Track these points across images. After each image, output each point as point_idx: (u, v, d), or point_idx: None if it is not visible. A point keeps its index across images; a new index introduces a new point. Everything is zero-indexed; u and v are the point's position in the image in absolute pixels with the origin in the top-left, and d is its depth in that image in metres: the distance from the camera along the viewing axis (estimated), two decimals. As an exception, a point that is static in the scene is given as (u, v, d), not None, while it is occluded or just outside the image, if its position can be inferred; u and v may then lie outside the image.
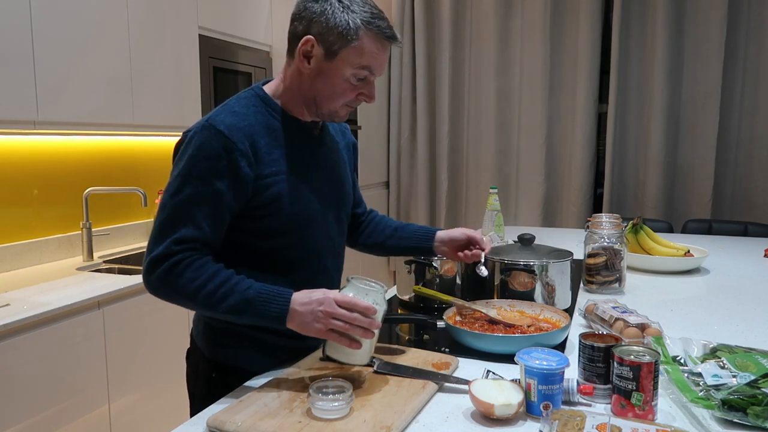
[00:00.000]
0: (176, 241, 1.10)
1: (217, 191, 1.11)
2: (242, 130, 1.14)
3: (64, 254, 2.51)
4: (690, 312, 1.66)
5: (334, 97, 1.19)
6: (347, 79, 1.17)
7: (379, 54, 1.16)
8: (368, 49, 1.15)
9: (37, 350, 1.80)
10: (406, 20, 4.37)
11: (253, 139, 1.15)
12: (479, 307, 1.45)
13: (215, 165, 1.11)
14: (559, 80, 4.05)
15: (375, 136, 4.30)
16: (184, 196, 1.11)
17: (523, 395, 1.00)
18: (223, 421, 0.98)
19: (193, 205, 1.11)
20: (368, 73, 1.17)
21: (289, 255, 1.24)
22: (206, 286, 1.09)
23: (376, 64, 1.17)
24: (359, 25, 1.13)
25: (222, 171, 1.11)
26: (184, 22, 2.68)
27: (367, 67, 1.16)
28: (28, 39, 2.01)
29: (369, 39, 1.14)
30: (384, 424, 0.96)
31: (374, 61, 1.16)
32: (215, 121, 1.14)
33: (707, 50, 3.65)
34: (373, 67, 1.17)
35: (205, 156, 1.12)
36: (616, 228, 1.85)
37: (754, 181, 3.69)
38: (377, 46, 1.16)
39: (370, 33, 1.14)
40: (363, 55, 1.15)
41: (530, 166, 4.16)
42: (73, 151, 2.56)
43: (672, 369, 1.11)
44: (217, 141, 1.12)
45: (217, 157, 1.11)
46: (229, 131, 1.13)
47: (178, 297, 1.12)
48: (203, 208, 1.12)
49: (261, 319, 1.09)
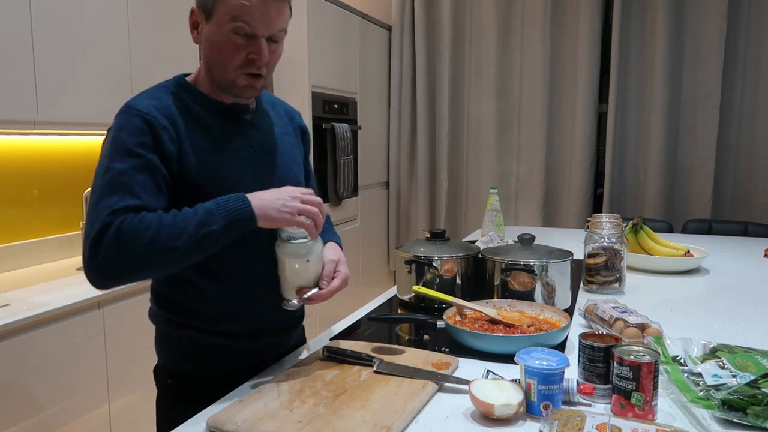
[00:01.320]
0: (111, 212, 1.01)
1: (148, 162, 1.07)
2: (161, 110, 1.12)
3: (64, 254, 2.51)
4: (690, 312, 1.66)
5: (223, 61, 1.14)
6: (228, 38, 1.11)
7: (250, 3, 1.09)
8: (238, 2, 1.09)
9: (37, 350, 1.80)
10: (406, 20, 4.37)
11: (173, 119, 1.12)
12: (479, 307, 1.45)
13: (141, 140, 1.07)
14: (559, 80, 4.05)
15: (375, 136, 4.30)
16: (113, 172, 1.05)
17: (523, 395, 1.00)
18: (223, 421, 0.98)
19: (125, 176, 1.05)
20: (245, 25, 1.10)
21: None
22: (161, 228, 1.01)
23: (250, 14, 1.09)
24: None
25: (148, 144, 1.08)
26: (184, 22, 2.68)
27: (240, 17, 1.09)
28: (28, 39, 2.01)
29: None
30: (384, 424, 0.96)
31: (245, 11, 1.09)
32: (132, 103, 1.12)
33: (707, 50, 3.65)
34: (245, 16, 1.09)
35: (129, 133, 1.08)
36: (616, 228, 1.85)
37: (754, 181, 3.69)
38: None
39: None
40: (232, 5, 1.09)
41: (530, 166, 4.17)
42: (73, 151, 2.56)
43: (672, 369, 1.11)
44: (138, 119, 1.09)
45: (141, 131, 1.08)
46: (148, 110, 1.10)
47: (135, 260, 1.01)
48: (138, 179, 1.05)
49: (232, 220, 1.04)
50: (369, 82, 4.15)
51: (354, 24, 3.88)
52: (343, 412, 1.00)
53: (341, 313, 1.68)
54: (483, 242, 2.27)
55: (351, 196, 3.81)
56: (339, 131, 3.52)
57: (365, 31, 4.05)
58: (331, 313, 1.70)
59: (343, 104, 3.71)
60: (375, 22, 4.18)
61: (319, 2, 3.40)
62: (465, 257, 1.68)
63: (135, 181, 1.05)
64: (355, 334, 1.47)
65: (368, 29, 4.09)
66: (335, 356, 1.24)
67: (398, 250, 1.73)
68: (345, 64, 3.77)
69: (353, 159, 3.76)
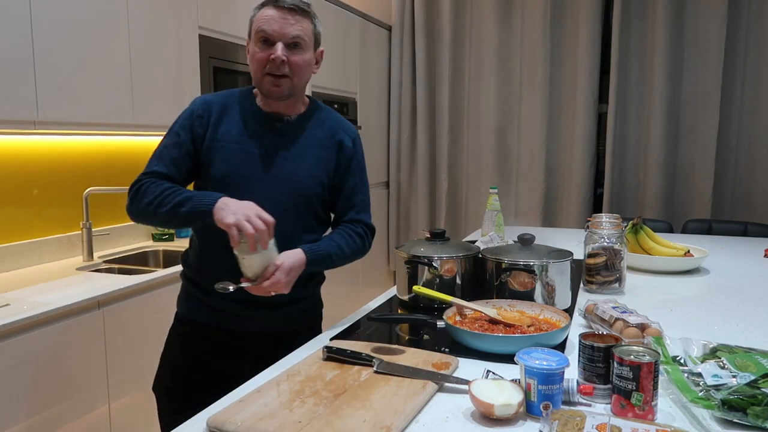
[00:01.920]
0: (145, 174, 1.42)
1: (180, 139, 1.45)
2: (207, 104, 1.48)
3: (64, 254, 2.51)
4: (690, 312, 1.66)
5: (255, 68, 1.43)
6: (256, 47, 1.42)
7: (269, 16, 1.40)
8: (261, 15, 1.41)
9: (37, 350, 1.80)
10: (406, 20, 4.38)
11: (210, 111, 1.47)
12: (479, 307, 1.45)
13: (183, 123, 1.47)
14: (559, 80, 4.05)
15: (375, 136, 4.30)
16: (161, 144, 1.47)
17: (523, 395, 1.00)
18: (223, 421, 0.98)
19: (165, 148, 1.45)
20: (265, 33, 1.39)
21: None
22: (156, 197, 1.36)
23: (269, 24, 1.39)
24: (257, 7, 1.44)
25: (186, 126, 1.46)
26: (184, 22, 2.68)
27: (261, 29, 1.40)
28: (28, 39, 2.01)
29: (263, 10, 1.42)
30: (384, 424, 0.96)
31: (266, 22, 1.39)
32: (197, 97, 1.52)
33: (707, 50, 3.65)
34: (265, 27, 1.39)
35: (180, 117, 1.49)
36: (616, 228, 1.85)
37: (754, 181, 3.69)
38: (268, 10, 1.40)
39: (264, 7, 1.42)
40: (258, 22, 1.41)
41: (530, 166, 4.17)
42: (73, 151, 2.56)
43: (672, 369, 1.11)
44: (190, 107, 1.49)
45: (186, 117, 1.47)
46: (198, 102, 1.49)
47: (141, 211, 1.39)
48: (172, 152, 1.44)
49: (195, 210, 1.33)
50: (369, 82, 4.15)
51: (354, 24, 3.88)
52: (343, 412, 1.00)
53: (341, 313, 1.68)
54: (483, 242, 2.27)
55: (351, 196, 3.81)
56: (339, 131, 3.52)
57: (365, 31, 4.05)
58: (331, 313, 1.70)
59: (343, 104, 3.71)
60: (375, 22, 4.19)
61: (319, 2, 3.40)
62: (465, 257, 1.68)
63: (169, 153, 1.44)
64: (355, 334, 1.47)
65: (368, 29, 4.09)
66: (335, 356, 1.24)
67: (398, 250, 1.72)
68: (345, 64, 3.77)
69: (353, 159, 3.76)
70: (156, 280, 2.21)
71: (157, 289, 2.23)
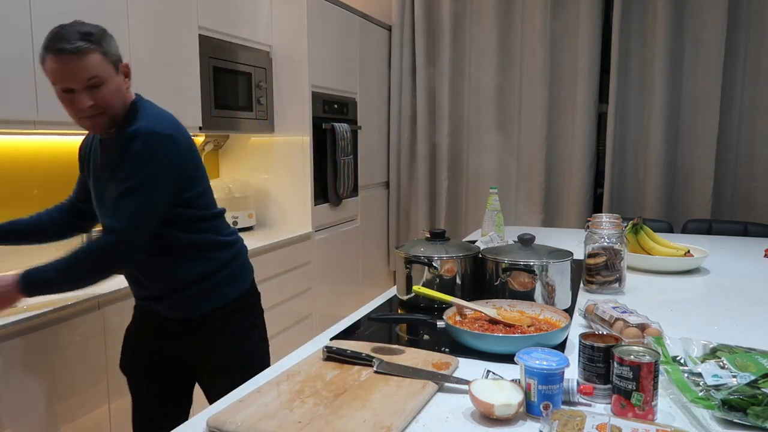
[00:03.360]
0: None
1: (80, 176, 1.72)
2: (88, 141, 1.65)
3: (64, 254, 2.51)
4: (690, 312, 1.66)
5: (68, 111, 1.44)
6: (60, 96, 1.41)
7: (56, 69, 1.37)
8: (49, 68, 1.38)
9: (37, 350, 1.80)
10: (406, 20, 4.37)
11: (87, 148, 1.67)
12: (479, 307, 1.45)
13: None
14: (559, 80, 4.05)
15: (375, 136, 4.30)
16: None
17: (523, 395, 1.00)
18: (223, 421, 0.98)
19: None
20: (61, 86, 1.39)
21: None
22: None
23: (58, 78, 1.38)
24: (42, 53, 1.38)
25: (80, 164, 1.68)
26: (184, 22, 2.68)
27: (55, 84, 1.39)
28: (28, 39, 2.01)
29: (50, 60, 1.37)
30: (384, 424, 0.96)
31: (55, 76, 1.38)
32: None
33: (707, 50, 3.65)
34: (56, 82, 1.39)
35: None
36: (616, 228, 1.85)
37: (754, 181, 3.68)
38: (54, 63, 1.37)
39: (49, 54, 1.37)
40: (49, 75, 1.39)
41: (530, 166, 4.16)
42: (73, 151, 2.55)
43: (672, 369, 1.11)
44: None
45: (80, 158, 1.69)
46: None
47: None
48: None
49: None
50: (369, 82, 4.15)
51: (354, 24, 3.88)
52: (343, 412, 1.00)
53: (341, 313, 1.68)
54: (483, 242, 2.27)
55: (351, 196, 3.81)
56: (339, 131, 3.52)
57: (365, 31, 4.05)
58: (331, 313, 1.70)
59: (343, 104, 3.71)
60: (375, 22, 4.18)
61: (319, 2, 3.40)
62: (465, 257, 1.68)
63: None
64: (355, 334, 1.47)
65: (368, 29, 4.09)
66: (335, 356, 1.24)
67: (398, 250, 1.73)
68: (345, 64, 3.77)
69: (353, 159, 3.76)
70: (156, 280, 2.20)
71: (157, 289, 2.22)
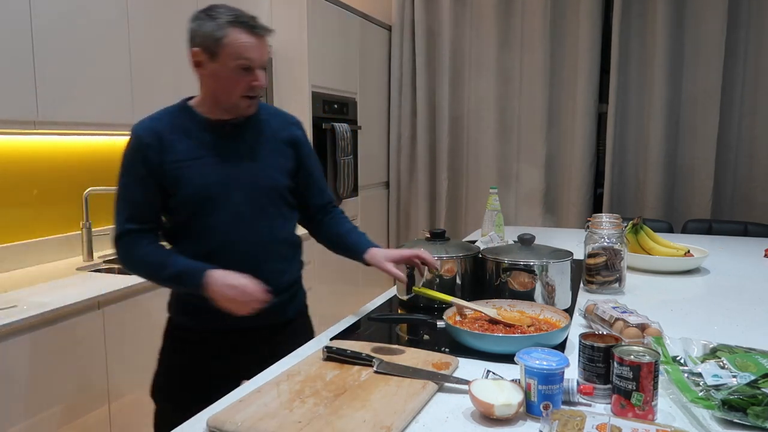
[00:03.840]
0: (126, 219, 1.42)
1: (140, 176, 1.42)
2: (149, 129, 1.44)
3: (64, 254, 2.51)
4: (690, 312, 1.66)
5: (228, 91, 1.42)
6: (233, 72, 1.39)
7: (250, 44, 1.38)
8: (240, 42, 1.37)
9: (37, 350, 1.80)
10: (406, 20, 4.37)
11: (160, 135, 1.43)
12: (479, 307, 1.45)
13: (134, 157, 1.43)
14: (559, 80, 4.05)
15: (375, 136, 4.30)
16: (120, 185, 1.44)
17: (523, 395, 1.00)
18: (223, 421, 0.98)
19: (127, 190, 1.43)
20: (247, 62, 1.39)
21: (194, 227, 1.45)
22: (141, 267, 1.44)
23: (251, 53, 1.39)
24: (224, 25, 1.37)
25: (139, 161, 1.42)
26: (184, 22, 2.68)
27: (243, 57, 1.38)
28: (28, 39, 2.01)
29: (238, 33, 1.37)
30: (384, 424, 0.96)
31: (248, 51, 1.38)
32: (135, 127, 1.45)
33: (707, 50, 3.65)
34: (248, 56, 1.38)
35: (127, 153, 1.44)
36: (616, 228, 1.85)
37: (754, 181, 3.68)
38: (247, 37, 1.38)
39: (237, 28, 1.37)
40: (238, 48, 1.37)
41: (530, 166, 4.16)
42: (73, 151, 2.56)
43: (672, 369, 1.11)
44: (134, 140, 1.44)
45: (135, 151, 1.43)
46: (140, 131, 1.44)
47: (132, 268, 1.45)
48: (134, 191, 1.43)
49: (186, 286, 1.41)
50: (369, 82, 4.15)
51: (354, 24, 3.88)
52: (343, 412, 1.00)
53: (341, 313, 1.68)
54: (483, 242, 2.27)
55: (351, 196, 3.81)
56: (339, 131, 3.52)
57: (365, 31, 4.04)
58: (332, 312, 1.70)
59: (343, 104, 3.71)
60: (375, 22, 4.18)
61: (319, 2, 3.40)
62: (465, 257, 1.68)
63: (131, 194, 1.44)
64: (355, 334, 1.47)
65: (368, 29, 4.09)
66: (335, 356, 1.24)
67: (398, 250, 1.72)
68: (345, 64, 3.77)
69: (353, 159, 3.76)
70: (156, 280, 2.21)
71: (157, 289, 2.22)
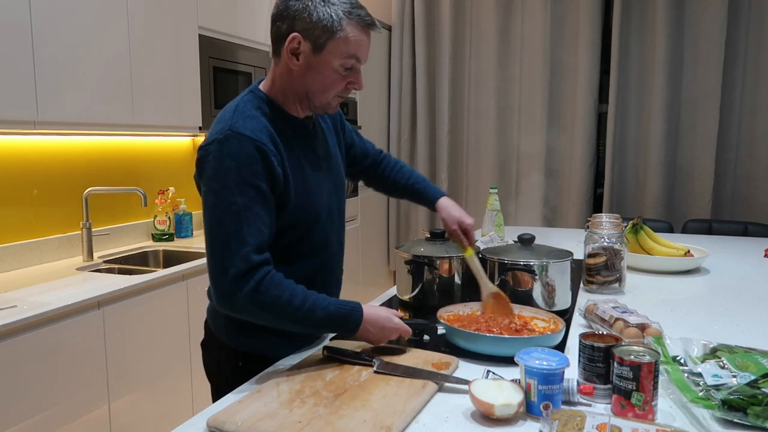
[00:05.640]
0: (253, 250, 1.13)
1: (263, 193, 1.16)
2: (263, 132, 1.18)
3: (64, 254, 2.51)
4: (690, 312, 1.66)
5: (325, 89, 1.24)
6: (336, 70, 1.21)
7: (363, 42, 1.22)
8: (353, 38, 1.19)
9: (37, 350, 1.80)
10: (406, 20, 4.37)
11: (275, 141, 1.20)
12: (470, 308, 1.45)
13: (254, 169, 1.15)
14: (559, 80, 4.05)
15: (375, 136, 4.30)
16: (239, 206, 1.13)
17: (523, 395, 1.00)
18: (223, 421, 0.98)
19: (250, 211, 1.14)
20: (355, 62, 1.22)
21: (302, 247, 1.30)
22: (287, 309, 1.15)
23: (362, 52, 1.22)
24: (342, 16, 1.17)
25: (261, 173, 1.15)
26: (184, 22, 2.68)
27: (354, 56, 1.21)
28: (28, 39, 2.01)
29: (352, 28, 1.19)
30: (384, 424, 0.96)
31: (359, 49, 1.21)
32: (238, 127, 1.16)
33: (707, 50, 3.65)
34: (359, 54, 1.22)
35: (244, 163, 1.14)
36: (616, 228, 1.85)
37: (754, 181, 3.68)
38: (360, 34, 1.20)
39: (353, 22, 1.19)
40: (349, 45, 1.19)
41: (530, 166, 4.16)
42: (73, 151, 2.56)
43: (672, 369, 1.11)
44: (250, 145, 1.15)
45: (255, 160, 1.15)
46: (255, 134, 1.16)
47: (260, 317, 1.17)
48: (259, 212, 1.15)
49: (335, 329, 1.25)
50: (369, 82, 4.14)
51: (354, 24, 3.87)
52: (343, 412, 1.00)
53: (341, 313, 1.68)
54: (483, 242, 2.27)
55: (351, 196, 3.81)
56: (339, 131, 3.51)
57: (365, 31, 4.04)
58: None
59: (343, 104, 3.69)
60: (375, 22, 4.18)
61: (319, 2, 3.39)
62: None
63: (258, 215, 1.15)
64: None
65: (368, 29, 4.09)
66: (335, 356, 1.24)
67: (398, 250, 1.72)
68: (345, 64, 3.77)
69: (353, 159, 3.75)
70: (156, 280, 2.21)
71: (157, 289, 2.23)
